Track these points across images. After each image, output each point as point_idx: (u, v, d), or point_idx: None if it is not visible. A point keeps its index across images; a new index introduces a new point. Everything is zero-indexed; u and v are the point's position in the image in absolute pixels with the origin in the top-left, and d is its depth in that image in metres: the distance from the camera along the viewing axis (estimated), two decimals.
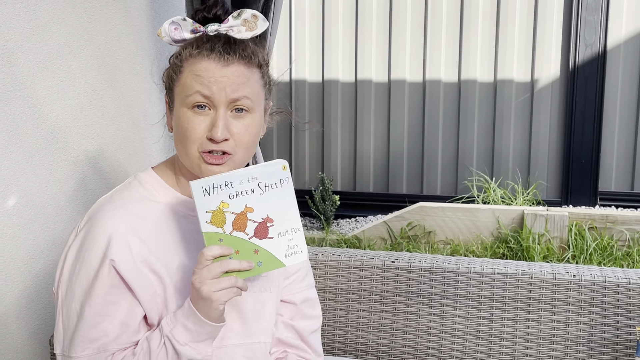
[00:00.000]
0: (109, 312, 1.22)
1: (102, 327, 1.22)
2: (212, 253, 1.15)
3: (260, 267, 1.18)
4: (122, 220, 1.24)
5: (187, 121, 1.22)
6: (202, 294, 1.15)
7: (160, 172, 1.34)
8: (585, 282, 1.65)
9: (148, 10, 2.23)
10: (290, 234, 1.19)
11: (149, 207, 1.28)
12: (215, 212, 1.16)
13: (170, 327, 1.20)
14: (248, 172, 1.17)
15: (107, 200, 1.29)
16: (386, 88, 4.44)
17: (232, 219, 1.16)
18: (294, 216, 1.19)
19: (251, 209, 1.17)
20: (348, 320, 1.78)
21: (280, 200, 1.18)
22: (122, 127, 2.10)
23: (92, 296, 1.22)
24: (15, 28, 1.67)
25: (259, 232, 1.18)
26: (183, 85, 1.24)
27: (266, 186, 1.18)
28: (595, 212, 3.72)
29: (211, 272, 1.14)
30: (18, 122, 1.69)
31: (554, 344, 1.68)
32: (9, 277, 1.69)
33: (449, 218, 3.81)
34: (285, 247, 1.19)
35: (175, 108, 1.26)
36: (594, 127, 4.13)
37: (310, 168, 4.63)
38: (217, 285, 1.14)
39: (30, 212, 1.74)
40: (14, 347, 1.72)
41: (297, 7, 4.51)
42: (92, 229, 1.24)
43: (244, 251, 1.17)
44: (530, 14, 4.21)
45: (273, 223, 1.18)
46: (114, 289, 1.22)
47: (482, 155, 4.37)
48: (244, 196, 1.17)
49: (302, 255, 1.20)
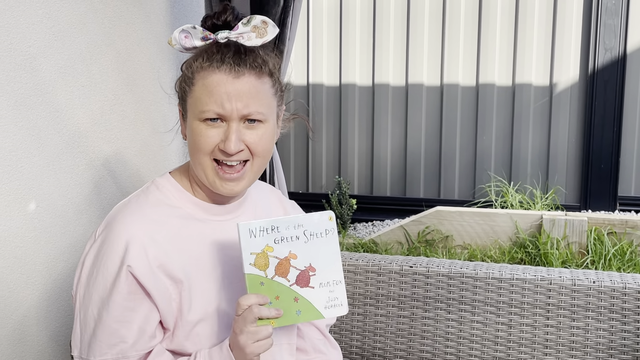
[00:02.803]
0: (126, 318, 1.23)
1: (121, 334, 1.23)
2: (247, 302, 1.16)
3: (299, 316, 1.19)
4: (139, 225, 1.25)
5: (200, 134, 1.24)
6: (239, 343, 1.17)
7: (177, 177, 1.35)
8: (605, 288, 1.64)
9: (168, 16, 2.25)
10: (332, 286, 1.20)
11: (166, 212, 1.29)
12: (259, 255, 1.17)
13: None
14: (295, 220, 1.19)
15: (125, 205, 1.30)
16: (403, 92, 4.43)
17: (275, 264, 1.18)
18: (336, 268, 1.20)
19: (295, 255, 1.19)
20: (365, 324, 1.78)
21: (324, 250, 1.20)
22: (142, 131, 2.12)
23: (110, 302, 1.22)
24: (38, 34, 1.69)
25: (300, 280, 1.19)
26: (196, 99, 1.24)
27: (311, 235, 1.20)
28: (615, 217, 3.69)
29: (246, 320, 1.16)
30: (40, 127, 1.71)
31: (573, 350, 1.66)
32: (30, 280, 1.70)
33: (466, 222, 3.80)
34: (325, 299, 1.19)
35: (189, 119, 1.27)
36: (613, 131, 4.09)
37: (327, 172, 4.64)
38: (254, 337, 1.16)
39: (51, 216, 1.76)
40: (35, 349, 1.74)
41: (314, 12, 4.52)
42: (110, 234, 1.25)
43: (284, 297, 1.18)
44: (549, 17, 4.19)
45: (315, 272, 1.19)
46: (131, 295, 1.23)
47: (500, 160, 4.35)
48: (288, 242, 1.18)
49: (342, 309, 1.20)
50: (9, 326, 1.65)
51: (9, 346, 1.65)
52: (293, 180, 4.67)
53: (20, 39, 1.64)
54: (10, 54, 1.61)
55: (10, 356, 1.66)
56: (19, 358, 1.69)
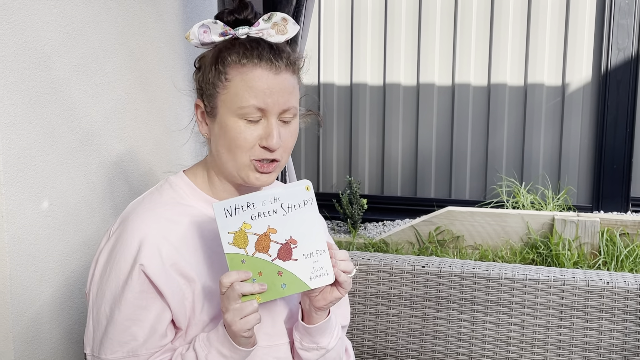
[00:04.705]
0: (138, 316, 1.23)
1: (132, 331, 1.23)
2: (229, 280, 1.15)
3: (285, 289, 1.16)
4: (153, 224, 1.25)
5: (239, 131, 1.23)
6: (227, 321, 1.16)
7: (192, 176, 1.34)
8: (618, 289, 1.63)
9: (181, 15, 2.25)
10: (316, 256, 1.17)
11: (180, 211, 1.29)
12: (238, 233, 1.15)
13: (205, 351, 1.21)
14: (271, 193, 1.16)
15: (139, 203, 1.31)
16: (415, 91, 4.43)
17: (254, 240, 1.15)
18: (319, 237, 1.17)
19: (274, 230, 1.16)
20: (377, 324, 1.78)
21: (304, 221, 1.17)
22: (154, 130, 2.13)
23: (122, 300, 1.23)
24: (52, 32, 1.70)
25: (282, 254, 1.16)
26: (234, 95, 1.23)
27: (289, 207, 1.17)
28: (627, 218, 3.67)
29: (229, 298, 1.15)
30: (54, 125, 1.72)
31: (586, 352, 1.66)
32: (44, 277, 1.71)
33: (477, 223, 3.79)
34: (310, 270, 1.17)
35: (221, 116, 1.25)
36: (626, 131, 4.07)
37: (337, 171, 4.63)
38: (240, 313, 1.15)
39: (64, 214, 1.77)
40: (48, 346, 1.74)
41: (326, 11, 4.52)
42: (124, 233, 1.25)
43: (267, 273, 1.15)
44: (562, 17, 4.17)
45: (297, 245, 1.17)
46: (144, 293, 1.23)
47: (512, 160, 4.33)
48: (266, 217, 1.16)
49: (329, 277, 1.17)
50: (22, 323, 1.66)
51: (23, 343, 1.66)
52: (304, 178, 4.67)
53: (34, 37, 1.65)
54: (25, 52, 1.62)
55: (24, 353, 1.67)
56: (33, 355, 1.69)
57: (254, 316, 1.16)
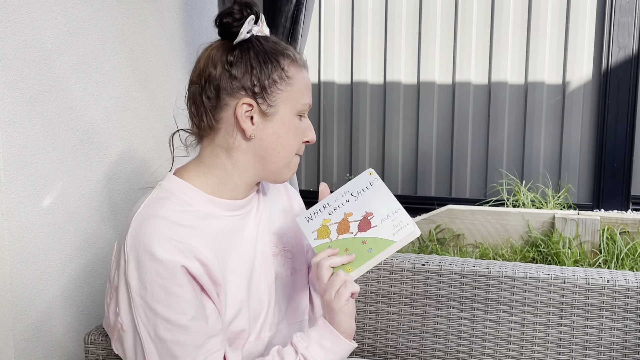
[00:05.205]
0: (202, 315, 1.20)
1: (200, 330, 1.19)
2: (316, 260, 1.21)
3: (371, 252, 1.22)
4: (172, 232, 1.19)
5: (299, 127, 1.29)
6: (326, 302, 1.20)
7: (188, 178, 1.31)
8: (619, 287, 1.63)
9: (181, 13, 2.25)
10: (392, 216, 1.23)
11: (189, 216, 1.25)
12: (320, 229, 1.26)
13: (304, 344, 1.22)
14: (340, 190, 1.28)
15: (145, 216, 1.23)
16: (415, 90, 4.42)
17: (335, 227, 1.25)
18: (391, 201, 1.25)
19: (350, 213, 1.26)
20: (377, 322, 1.78)
21: (375, 196, 1.26)
22: (154, 128, 2.12)
23: (181, 304, 1.18)
24: (52, 30, 1.70)
25: (362, 227, 1.24)
26: (297, 93, 1.27)
27: (359, 192, 1.27)
28: (628, 216, 3.67)
29: (321, 277, 1.20)
30: (54, 123, 1.72)
31: (586, 350, 1.66)
32: (44, 275, 1.71)
33: (478, 221, 3.78)
34: (390, 227, 1.23)
35: (282, 114, 1.26)
36: (626, 130, 4.07)
37: (338, 169, 4.63)
38: (332, 287, 1.19)
39: (65, 212, 1.77)
40: (49, 344, 1.74)
41: (326, 9, 4.52)
42: (145, 248, 1.18)
43: (353, 246, 1.23)
44: (562, 15, 4.17)
45: (373, 215, 1.24)
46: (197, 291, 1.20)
47: (512, 158, 4.33)
48: (341, 207, 1.27)
49: (409, 227, 1.22)
50: (23, 321, 1.66)
51: (24, 341, 1.66)
52: (304, 177, 4.67)
53: (34, 35, 1.65)
54: (25, 50, 1.62)
55: (25, 351, 1.67)
56: (33, 353, 1.70)
57: (345, 287, 1.19)
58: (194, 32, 2.33)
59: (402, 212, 1.24)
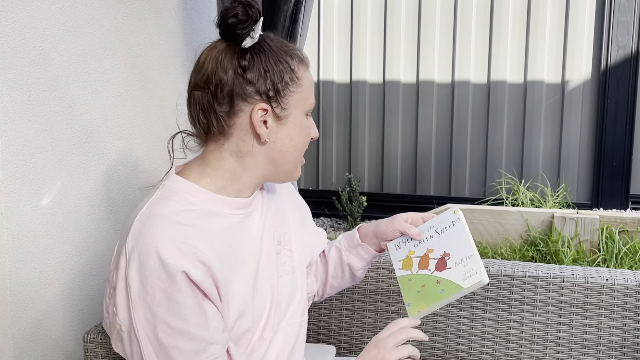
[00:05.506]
0: (202, 321, 1.19)
1: (200, 337, 1.18)
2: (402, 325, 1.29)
3: (442, 294, 1.33)
4: (174, 233, 1.18)
5: (309, 127, 1.31)
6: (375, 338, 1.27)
7: (191, 177, 1.29)
8: (618, 286, 1.63)
9: (180, 12, 2.25)
10: (465, 261, 1.33)
11: (193, 215, 1.23)
12: (405, 260, 1.39)
13: None
14: (427, 225, 1.40)
15: (148, 216, 1.21)
16: (414, 89, 4.43)
17: (417, 262, 1.37)
18: (467, 246, 1.35)
19: (431, 249, 1.37)
20: (376, 321, 1.78)
21: (454, 236, 1.36)
22: (154, 127, 2.12)
23: (182, 310, 1.17)
24: (51, 29, 1.70)
25: (439, 266, 1.35)
26: (305, 93, 1.28)
27: (442, 229, 1.38)
28: (627, 215, 3.67)
29: (395, 340, 1.26)
30: (53, 122, 1.72)
31: (585, 349, 1.66)
32: (43, 274, 1.71)
33: (477, 220, 3.79)
34: (462, 273, 1.32)
35: (294, 116, 1.27)
36: (625, 129, 4.07)
37: (337, 169, 4.63)
38: (396, 354, 1.26)
39: (64, 211, 1.77)
40: (48, 343, 1.74)
41: (325, 8, 4.52)
42: (147, 249, 1.17)
43: (428, 284, 1.34)
44: (562, 14, 4.17)
45: (450, 256, 1.35)
46: (197, 297, 1.18)
47: (512, 157, 4.33)
48: (425, 242, 1.38)
49: (478, 276, 1.31)
50: (22, 320, 1.66)
51: (23, 340, 1.66)
52: (303, 177, 4.67)
53: (33, 34, 1.65)
54: (23, 49, 1.62)
55: (24, 350, 1.67)
56: (32, 352, 1.70)
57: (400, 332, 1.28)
58: (193, 31, 2.33)
59: (474, 258, 1.32)
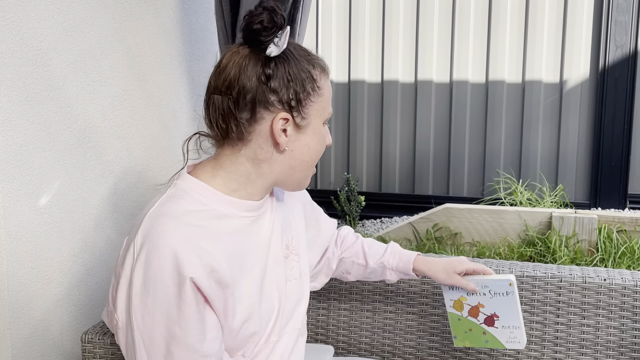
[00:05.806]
0: (201, 332, 1.18)
1: (195, 347, 1.17)
2: None
3: (487, 343, 1.52)
4: (183, 233, 1.16)
5: (326, 135, 1.31)
6: None
7: (203, 177, 1.27)
8: (616, 286, 1.63)
9: (178, 12, 2.25)
10: (512, 329, 1.49)
11: (203, 215, 1.21)
12: (456, 301, 1.53)
13: None
14: (482, 282, 1.50)
15: (158, 214, 1.19)
16: (413, 89, 4.43)
17: (468, 309, 1.52)
18: (516, 317, 1.49)
19: (482, 305, 1.50)
20: (374, 321, 1.78)
21: (505, 304, 1.48)
22: (152, 127, 2.12)
23: (182, 317, 1.15)
24: (49, 29, 1.70)
25: (487, 322, 1.51)
26: (326, 103, 1.28)
27: (495, 293, 1.49)
28: (625, 215, 3.67)
29: None
30: (51, 122, 1.72)
31: (583, 348, 1.66)
32: (41, 274, 1.71)
33: (475, 220, 3.79)
34: (506, 336, 1.50)
35: (314, 125, 1.26)
36: (624, 128, 4.08)
37: (335, 168, 4.64)
38: None
39: (62, 211, 1.77)
40: (46, 343, 1.74)
41: (323, 8, 4.52)
42: (155, 248, 1.15)
43: (475, 330, 1.52)
44: (560, 14, 4.17)
45: (499, 318, 1.50)
46: (200, 305, 1.17)
47: (510, 157, 4.34)
48: (477, 296, 1.50)
49: (520, 345, 1.50)
50: (20, 320, 1.66)
51: (21, 340, 1.66)
52: None
53: (31, 34, 1.65)
54: (22, 49, 1.62)
55: (22, 350, 1.67)
56: (30, 352, 1.69)
57: None
58: (191, 31, 2.33)
59: (520, 330, 1.48)
